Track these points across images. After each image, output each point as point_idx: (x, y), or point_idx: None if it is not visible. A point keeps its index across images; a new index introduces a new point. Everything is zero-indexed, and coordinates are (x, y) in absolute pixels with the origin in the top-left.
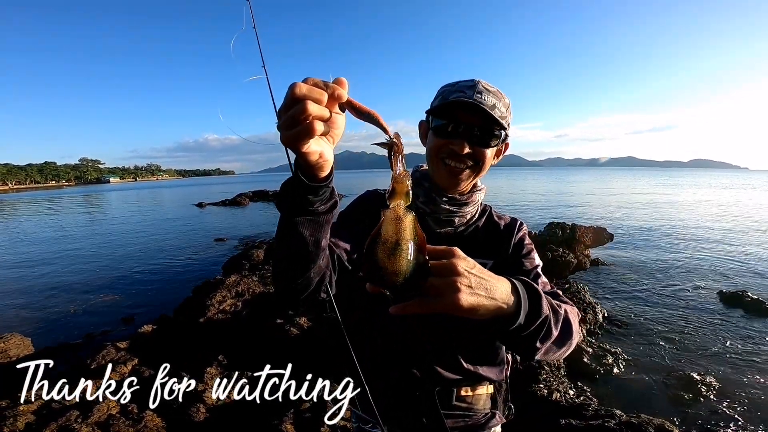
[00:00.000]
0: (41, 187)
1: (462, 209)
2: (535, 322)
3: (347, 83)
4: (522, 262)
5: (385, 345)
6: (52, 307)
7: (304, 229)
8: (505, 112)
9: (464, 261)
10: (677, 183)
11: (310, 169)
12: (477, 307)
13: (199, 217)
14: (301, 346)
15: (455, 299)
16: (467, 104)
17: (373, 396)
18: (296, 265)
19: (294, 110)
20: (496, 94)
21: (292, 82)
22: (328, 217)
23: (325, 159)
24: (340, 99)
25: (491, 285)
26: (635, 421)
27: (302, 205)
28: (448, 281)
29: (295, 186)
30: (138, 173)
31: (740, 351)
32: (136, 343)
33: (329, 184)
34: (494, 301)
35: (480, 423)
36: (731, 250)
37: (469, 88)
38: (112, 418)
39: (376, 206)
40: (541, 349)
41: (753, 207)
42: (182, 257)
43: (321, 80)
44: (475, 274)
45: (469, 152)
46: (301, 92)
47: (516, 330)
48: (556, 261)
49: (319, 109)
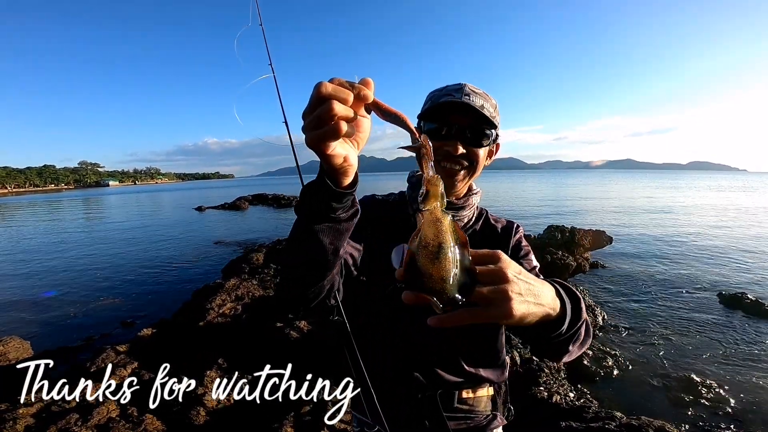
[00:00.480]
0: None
1: (459, 213)
2: (575, 326)
3: (373, 84)
4: (520, 264)
5: (387, 348)
6: (51, 310)
7: (324, 237)
8: (494, 112)
9: (512, 265)
10: (676, 185)
11: (334, 174)
12: (527, 315)
13: (198, 221)
14: (301, 349)
15: (507, 308)
16: (457, 105)
17: (375, 397)
18: (314, 272)
19: (320, 110)
20: (482, 95)
21: (318, 82)
22: (349, 225)
23: (350, 163)
24: (366, 100)
25: (539, 290)
26: (636, 423)
27: (324, 211)
28: (498, 289)
29: (319, 191)
30: (137, 177)
31: (740, 352)
32: (136, 346)
33: (354, 191)
34: (542, 308)
35: (482, 425)
36: (730, 251)
37: (457, 90)
38: (111, 421)
39: (375, 212)
40: (572, 351)
41: (752, 208)
42: (182, 261)
43: (347, 80)
44: (524, 280)
45: (463, 153)
46: (327, 91)
47: (558, 335)
48: (555, 264)
49: (345, 109)
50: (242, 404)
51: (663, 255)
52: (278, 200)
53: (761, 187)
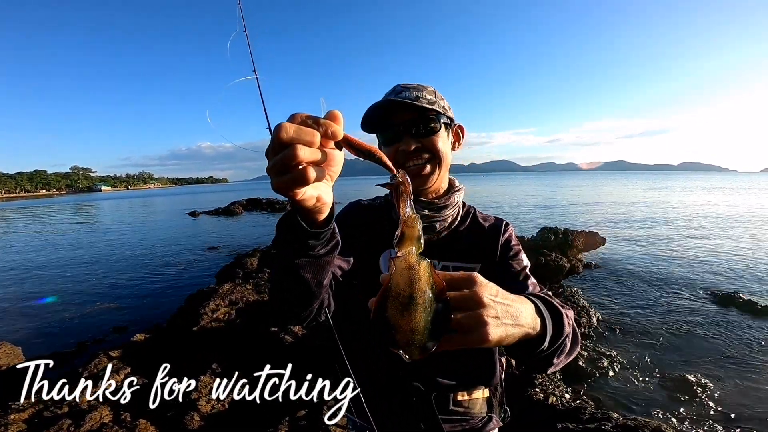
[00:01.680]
0: (31, 195)
1: (441, 213)
2: (557, 341)
3: (342, 117)
4: (510, 264)
5: (380, 353)
6: (43, 316)
7: (305, 273)
8: (434, 98)
9: (487, 288)
10: (668, 186)
11: (307, 214)
12: (505, 338)
13: (192, 226)
14: (296, 353)
15: (484, 334)
16: (388, 105)
17: (371, 403)
18: (299, 303)
19: (283, 156)
20: (415, 87)
21: (278, 124)
22: (330, 258)
23: (324, 202)
24: (335, 137)
25: (516, 311)
26: (632, 424)
27: (303, 249)
28: (473, 315)
29: (294, 230)
30: (130, 181)
31: (734, 352)
32: (129, 351)
33: (330, 226)
34: (521, 328)
35: (477, 427)
36: (722, 251)
37: (390, 93)
38: (104, 426)
39: (362, 218)
40: (557, 363)
41: (743, 208)
42: (175, 266)
43: (311, 116)
44: (500, 302)
45: (418, 146)
46: (288, 136)
47: (540, 352)
48: (549, 265)
49: (312, 152)
50: (237, 408)
51: (656, 255)
52: (272, 205)
53: (751, 188)
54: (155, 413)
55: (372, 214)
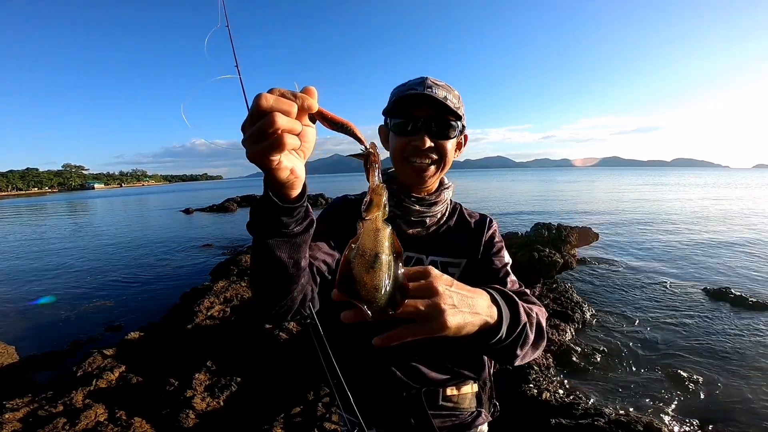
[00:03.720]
0: (23, 194)
1: (432, 209)
2: (515, 331)
3: (316, 92)
4: (492, 260)
5: (369, 350)
6: (37, 314)
7: (281, 252)
8: (458, 103)
9: (442, 279)
10: (661, 182)
11: (281, 188)
12: (464, 326)
13: (186, 224)
14: (290, 351)
15: (442, 321)
16: (420, 97)
17: (360, 399)
18: (277, 288)
19: (261, 123)
20: (445, 87)
21: (257, 94)
22: (305, 237)
23: (297, 175)
24: (311, 109)
25: (473, 300)
26: (624, 420)
27: (276, 227)
28: (431, 303)
29: (268, 207)
30: (123, 179)
31: (726, 347)
32: (124, 350)
33: (303, 203)
34: (479, 316)
35: (467, 422)
36: (715, 246)
37: (419, 84)
38: (100, 425)
39: (349, 212)
40: (520, 355)
41: (736, 204)
42: (169, 264)
43: (288, 90)
44: (456, 291)
45: (431, 146)
46: (267, 104)
47: (497, 341)
48: (542, 261)
49: (289, 121)
50: (231, 406)
51: (649, 251)
52: None
53: (743, 183)
54: (150, 411)
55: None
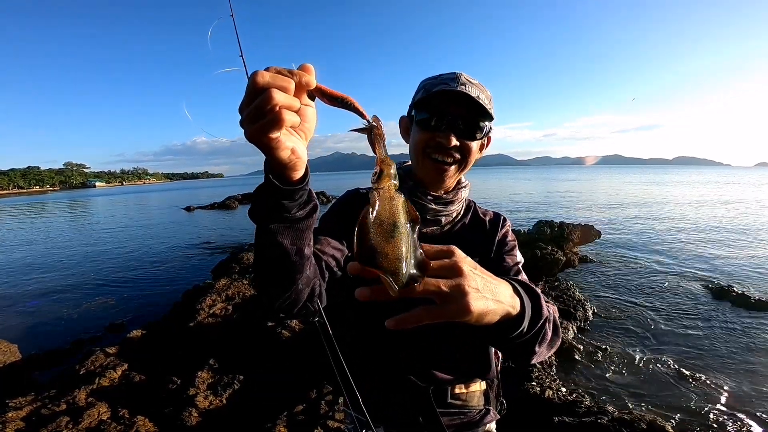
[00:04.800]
0: (25, 192)
1: (448, 208)
2: (536, 325)
3: (314, 69)
4: (504, 258)
5: (377, 347)
6: (39, 313)
7: (283, 238)
8: (489, 103)
9: (467, 260)
10: (663, 180)
11: (282, 170)
12: (486, 312)
13: (187, 221)
14: (293, 348)
15: (465, 304)
16: (453, 94)
17: (368, 397)
18: (280, 277)
19: (259, 100)
20: (478, 86)
21: (254, 71)
22: (309, 223)
23: (298, 156)
24: (309, 86)
25: (495, 287)
26: (627, 418)
27: (278, 211)
28: (454, 284)
29: (269, 191)
30: (124, 177)
31: (728, 345)
32: (126, 348)
33: (306, 185)
34: (501, 305)
35: (475, 420)
36: (717, 244)
37: (452, 80)
38: (103, 423)
39: (357, 206)
40: (538, 352)
41: (738, 202)
42: (171, 262)
43: (285, 68)
44: (480, 275)
45: (456, 145)
46: (264, 80)
47: (518, 335)
48: (545, 259)
49: (286, 98)
50: (234, 404)
51: (651, 248)
52: None
53: (745, 181)
54: (153, 409)
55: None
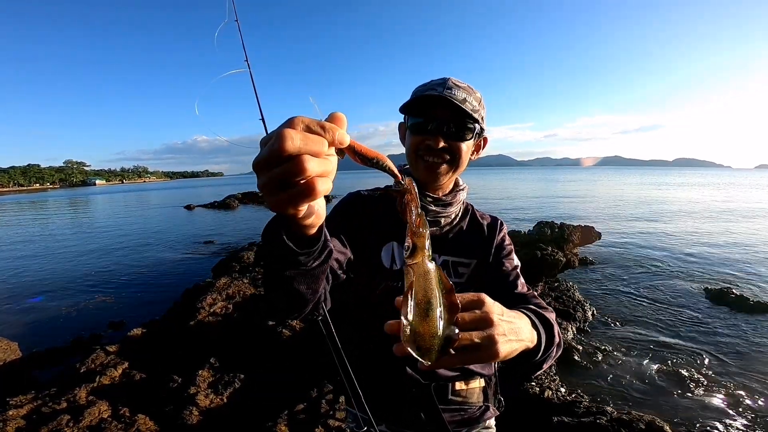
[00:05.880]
0: (25, 190)
1: (447, 209)
2: (549, 351)
3: (346, 120)
4: (503, 263)
5: (379, 345)
6: (39, 311)
7: (299, 285)
8: (477, 106)
9: (495, 308)
10: (663, 181)
11: (299, 229)
12: (510, 353)
13: (187, 220)
14: (294, 347)
15: (495, 351)
16: (437, 99)
17: (370, 394)
18: (294, 310)
19: (287, 168)
20: (466, 89)
21: (280, 128)
22: (324, 267)
23: (320, 216)
24: (342, 144)
25: (518, 327)
26: (626, 418)
27: (294, 265)
28: (485, 335)
29: (284, 248)
30: (125, 175)
31: (727, 346)
32: (126, 347)
33: (321, 238)
34: (523, 343)
35: (475, 416)
36: (716, 246)
37: (440, 85)
38: (103, 422)
39: (362, 209)
40: (544, 368)
41: (738, 204)
42: (171, 260)
43: (316, 121)
44: (506, 320)
45: (445, 146)
46: (294, 146)
47: (531, 363)
48: (545, 260)
49: (320, 164)
50: (235, 403)
51: (651, 250)
52: None
53: (745, 183)
54: (154, 408)
55: (372, 206)
